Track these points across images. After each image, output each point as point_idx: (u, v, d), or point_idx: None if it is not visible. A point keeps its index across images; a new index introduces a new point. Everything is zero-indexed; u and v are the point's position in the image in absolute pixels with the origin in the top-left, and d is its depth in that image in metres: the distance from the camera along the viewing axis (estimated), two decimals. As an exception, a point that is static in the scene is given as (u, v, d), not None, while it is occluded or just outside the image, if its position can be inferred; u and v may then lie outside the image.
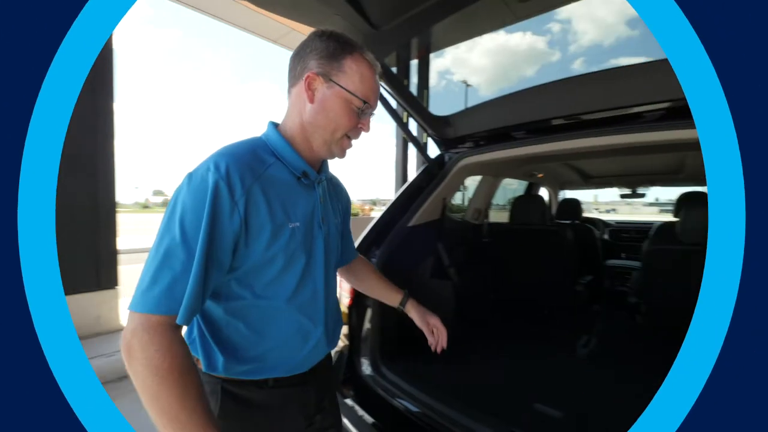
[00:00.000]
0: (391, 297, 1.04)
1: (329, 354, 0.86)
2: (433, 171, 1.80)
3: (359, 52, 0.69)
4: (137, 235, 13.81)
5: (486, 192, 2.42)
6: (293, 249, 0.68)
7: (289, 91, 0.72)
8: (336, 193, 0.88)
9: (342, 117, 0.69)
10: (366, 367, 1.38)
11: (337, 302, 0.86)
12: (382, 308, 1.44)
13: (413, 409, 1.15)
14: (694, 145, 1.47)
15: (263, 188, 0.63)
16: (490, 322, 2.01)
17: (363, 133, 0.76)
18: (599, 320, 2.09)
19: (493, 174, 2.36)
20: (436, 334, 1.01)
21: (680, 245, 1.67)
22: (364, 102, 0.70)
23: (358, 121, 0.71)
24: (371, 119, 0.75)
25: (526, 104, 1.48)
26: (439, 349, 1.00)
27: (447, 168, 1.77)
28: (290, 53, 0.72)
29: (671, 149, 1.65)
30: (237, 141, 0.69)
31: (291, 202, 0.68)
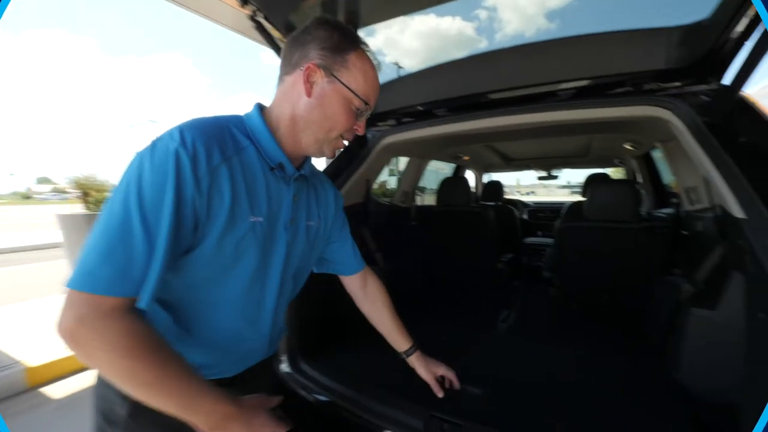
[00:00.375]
0: (399, 342, 1.02)
1: (265, 359, 0.80)
2: (353, 151, 1.67)
3: (363, 47, 0.66)
4: (16, 231, 11.48)
5: (413, 174, 2.37)
6: (247, 246, 0.62)
7: (282, 78, 0.67)
8: (318, 194, 0.81)
9: (340, 116, 0.65)
10: (284, 366, 1.27)
11: (285, 312, 0.80)
12: (301, 302, 1.32)
13: (329, 401, 1.10)
14: (602, 126, 1.58)
15: (231, 171, 0.58)
16: (415, 304, 1.99)
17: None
18: (518, 295, 2.20)
19: (419, 155, 2.31)
20: (446, 381, 1.04)
21: (588, 222, 1.79)
22: (365, 103, 0.66)
23: (355, 121, 0.67)
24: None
25: (446, 79, 1.43)
26: (456, 386, 1.05)
27: (369, 147, 1.66)
28: (202, 20, 0.58)
29: (582, 129, 1.73)
30: (212, 116, 0.63)
31: (258, 193, 0.63)
